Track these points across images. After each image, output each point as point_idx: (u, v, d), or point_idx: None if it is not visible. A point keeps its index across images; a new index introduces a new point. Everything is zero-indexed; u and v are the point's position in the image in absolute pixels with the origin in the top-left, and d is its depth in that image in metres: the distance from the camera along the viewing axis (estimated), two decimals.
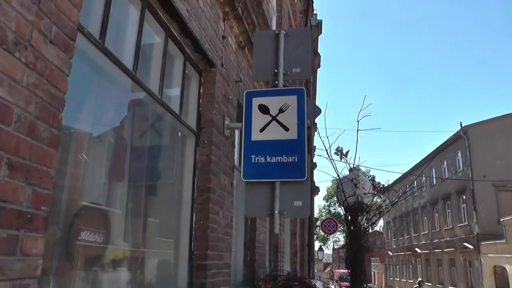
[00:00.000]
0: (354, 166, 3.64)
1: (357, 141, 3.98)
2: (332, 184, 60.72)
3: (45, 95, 1.82)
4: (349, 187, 3.68)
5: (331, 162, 3.68)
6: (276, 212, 4.01)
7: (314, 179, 15.00)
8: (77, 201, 2.70)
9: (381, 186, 3.54)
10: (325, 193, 63.94)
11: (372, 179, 3.64)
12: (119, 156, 3.29)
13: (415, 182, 33.97)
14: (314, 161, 14.85)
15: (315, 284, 6.28)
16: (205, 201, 3.95)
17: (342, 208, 3.74)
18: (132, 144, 3.48)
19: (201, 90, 4.30)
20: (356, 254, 3.40)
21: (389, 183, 3.43)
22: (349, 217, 3.59)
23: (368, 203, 3.54)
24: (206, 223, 3.89)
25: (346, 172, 3.95)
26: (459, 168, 33.22)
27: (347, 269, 3.54)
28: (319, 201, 73.74)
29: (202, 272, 3.86)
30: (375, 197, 3.57)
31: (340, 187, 3.69)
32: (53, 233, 2.38)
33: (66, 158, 2.58)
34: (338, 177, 3.70)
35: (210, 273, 3.93)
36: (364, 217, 3.55)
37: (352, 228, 3.54)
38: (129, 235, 3.31)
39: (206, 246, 3.87)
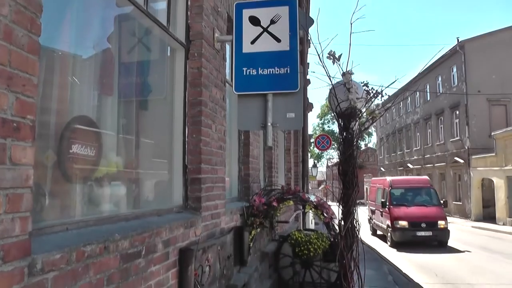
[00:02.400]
0: (347, 70, 3.58)
1: (350, 45, 3.88)
2: (325, 102, 60.86)
3: None
4: (342, 92, 3.64)
5: (323, 67, 3.62)
6: (269, 124, 4.02)
7: (308, 97, 14.95)
8: (66, 114, 2.67)
9: (374, 90, 3.51)
10: (319, 111, 64.21)
11: (365, 84, 3.59)
12: (107, 71, 3.21)
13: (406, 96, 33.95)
14: (307, 78, 14.71)
15: (308, 197, 6.45)
16: (197, 114, 3.92)
17: (335, 114, 3.73)
18: (120, 60, 3.39)
19: (188, 2, 4.12)
20: (349, 159, 3.44)
21: (383, 88, 3.40)
22: (342, 123, 3.59)
23: (361, 108, 3.52)
24: (199, 136, 3.89)
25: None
26: (453, 84, 33.19)
27: (339, 175, 3.59)
28: (313, 119, 74.30)
29: (197, 186, 3.92)
30: (368, 102, 3.54)
31: (332, 92, 3.65)
32: (44, 146, 2.37)
33: (51, 72, 2.52)
34: (330, 82, 3.66)
35: (205, 187, 4.00)
36: (357, 123, 3.55)
37: (344, 134, 3.56)
38: (122, 149, 3.31)
39: (199, 159, 3.90)
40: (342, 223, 3.51)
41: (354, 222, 3.44)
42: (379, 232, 21.42)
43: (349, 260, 3.37)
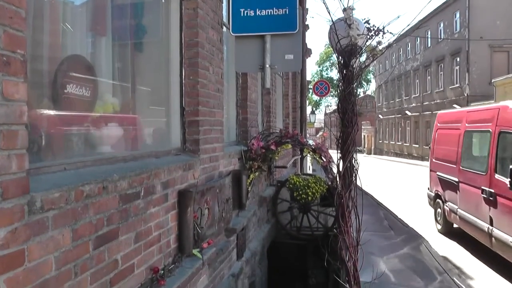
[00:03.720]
0: (348, 6, 3.47)
1: None
2: (325, 49, 60.04)
3: None
4: (342, 28, 3.55)
5: (323, 2, 3.51)
6: (267, 66, 3.96)
7: (306, 42, 14.69)
8: (59, 53, 2.60)
9: (375, 27, 3.41)
10: (318, 58, 63.44)
11: (367, 21, 3.48)
12: (100, 12, 3.11)
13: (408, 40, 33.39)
14: (306, 23, 14.42)
15: (307, 140, 6.45)
16: (193, 56, 3.84)
17: (335, 52, 3.65)
18: (113, 1, 3.29)
19: None
20: (348, 97, 3.40)
21: (385, 25, 3.31)
22: (342, 61, 3.52)
23: (362, 45, 3.44)
24: (196, 78, 3.83)
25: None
26: (456, 30, 32.67)
27: (339, 114, 3.56)
28: (311, 66, 73.54)
29: (195, 128, 3.90)
30: (369, 39, 3.46)
31: (332, 28, 3.56)
32: (37, 85, 2.33)
33: (42, 11, 2.44)
34: (330, 18, 3.56)
35: (203, 129, 3.98)
36: (357, 60, 3.48)
37: (344, 72, 3.50)
38: (118, 91, 3.27)
39: (197, 102, 3.86)
40: (341, 162, 3.52)
41: (353, 161, 3.44)
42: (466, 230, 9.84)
43: (347, 199, 3.41)
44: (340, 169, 3.47)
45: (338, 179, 3.60)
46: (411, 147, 43.24)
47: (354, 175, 3.45)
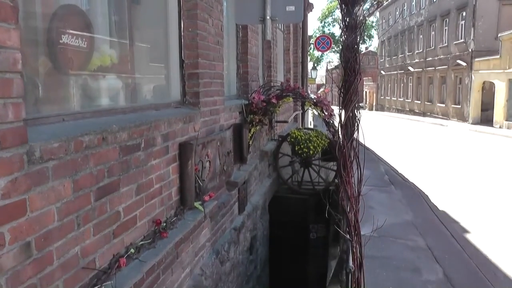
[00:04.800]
0: None
1: None
2: (327, 4, 58.81)
3: None
4: None
5: None
6: (268, 17, 3.86)
7: None
8: (53, 3, 2.53)
9: None
10: (320, 14, 62.23)
11: None
12: None
13: None
14: None
15: (308, 93, 6.39)
16: (192, 7, 3.73)
17: None
18: None
19: None
20: (351, 46, 3.33)
21: None
22: (345, 9, 3.42)
23: None
24: (195, 30, 3.74)
25: None
26: None
27: (341, 63, 3.49)
28: (313, 23, 72.17)
29: (195, 81, 3.84)
30: None
31: None
32: (32, 34, 2.27)
33: None
34: None
35: (203, 82, 3.92)
36: (361, 8, 3.38)
37: (347, 20, 3.40)
38: (115, 42, 3.19)
39: (196, 54, 3.79)
40: (343, 111, 3.48)
41: (355, 111, 3.41)
42: None
43: (349, 149, 3.40)
44: (342, 118, 3.45)
45: (340, 129, 3.57)
46: (413, 103, 43.03)
47: (356, 124, 3.42)
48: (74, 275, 2.11)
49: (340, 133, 3.53)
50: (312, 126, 15.70)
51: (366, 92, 62.69)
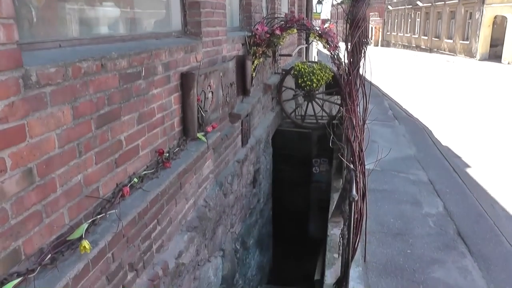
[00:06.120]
0: None
1: None
2: None
3: None
4: None
5: None
6: None
7: None
8: None
9: None
10: None
11: None
12: None
13: None
14: None
15: (313, 24, 6.20)
16: None
17: None
18: None
19: None
20: None
21: None
22: None
23: None
24: None
25: None
26: None
27: None
28: None
29: (196, 10, 3.71)
30: None
31: None
32: None
33: None
34: None
35: (204, 12, 3.79)
36: None
37: None
38: None
39: None
40: (350, 37, 3.37)
41: (362, 38, 3.29)
42: None
43: (355, 77, 3.32)
44: (349, 45, 3.34)
45: (346, 56, 3.47)
46: (420, 39, 42.09)
47: (363, 52, 3.31)
48: (78, 203, 2.12)
49: (346, 59, 3.43)
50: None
51: (372, 28, 61.14)
